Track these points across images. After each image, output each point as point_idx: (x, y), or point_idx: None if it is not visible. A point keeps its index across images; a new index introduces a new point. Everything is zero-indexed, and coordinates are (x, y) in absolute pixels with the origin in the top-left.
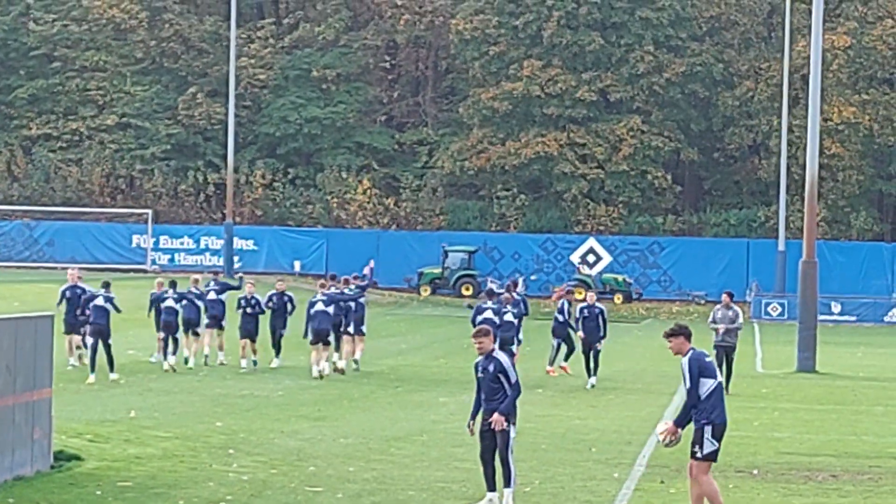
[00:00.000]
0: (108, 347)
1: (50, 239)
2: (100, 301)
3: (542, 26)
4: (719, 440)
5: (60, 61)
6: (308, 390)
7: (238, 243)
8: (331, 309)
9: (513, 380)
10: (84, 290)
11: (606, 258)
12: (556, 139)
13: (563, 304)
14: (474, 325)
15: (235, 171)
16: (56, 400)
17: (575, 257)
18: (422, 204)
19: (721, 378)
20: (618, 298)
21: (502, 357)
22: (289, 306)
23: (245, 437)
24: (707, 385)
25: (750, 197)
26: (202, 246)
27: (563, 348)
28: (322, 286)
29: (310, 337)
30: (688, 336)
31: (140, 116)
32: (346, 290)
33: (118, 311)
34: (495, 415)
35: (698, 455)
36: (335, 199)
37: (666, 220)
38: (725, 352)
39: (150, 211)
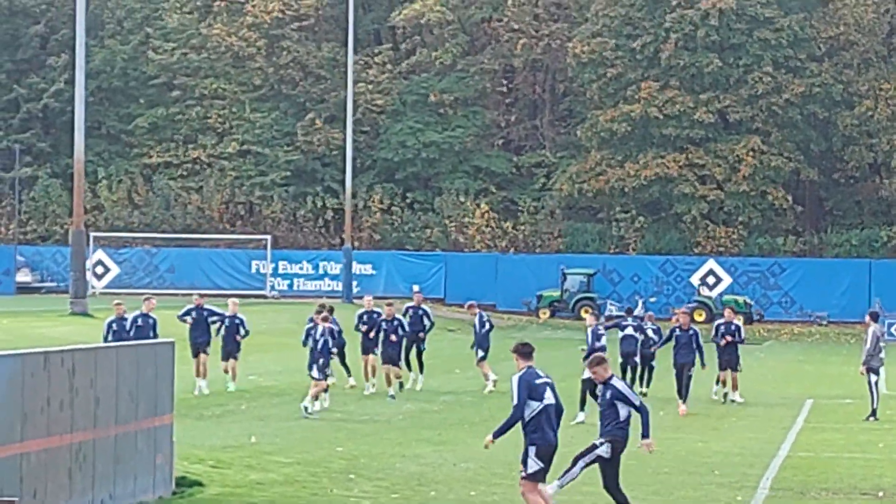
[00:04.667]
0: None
1: (171, 265)
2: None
3: (659, 48)
4: (545, 461)
5: (180, 90)
6: (429, 414)
7: (356, 268)
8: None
9: (636, 403)
10: (212, 312)
11: (726, 280)
12: (675, 160)
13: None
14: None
15: (354, 196)
16: (177, 426)
17: (695, 279)
18: (540, 227)
19: (553, 401)
20: (738, 320)
21: (619, 384)
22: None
23: (366, 461)
24: (532, 407)
25: (871, 217)
26: (321, 271)
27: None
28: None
29: (480, 354)
30: (523, 354)
31: (259, 143)
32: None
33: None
34: (648, 439)
35: (523, 474)
36: (453, 223)
37: (786, 241)
38: (875, 372)
39: (269, 237)
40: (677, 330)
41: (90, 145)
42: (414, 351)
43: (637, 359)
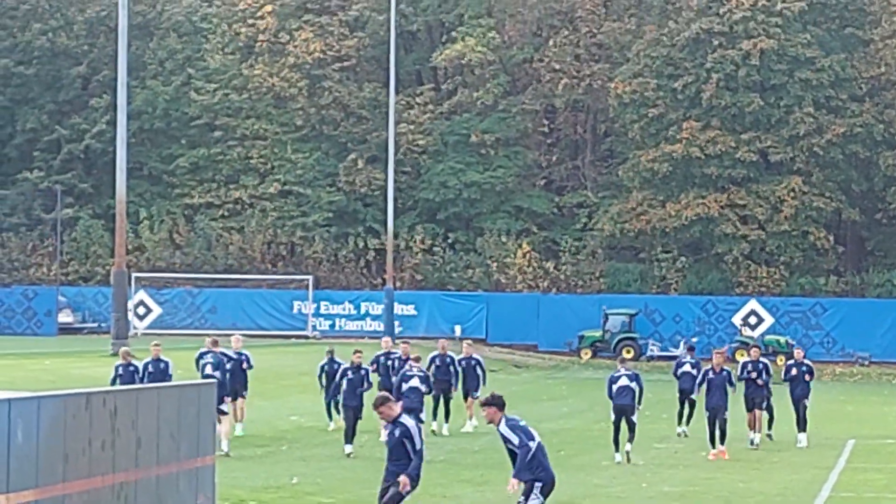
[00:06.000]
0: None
1: (212, 306)
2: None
3: (700, 88)
4: (546, 496)
5: (221, 130)
6: (470, 454)
7: (398, 308)
8: None
9: (417, 447)
10: (227, 357)
11: (768, 320)
12: (717, 200)
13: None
14: (675, 377)
15: (395, 236)
16: (219, 466)
17: (737, 319)
18: (581, 267)
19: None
20: (780, 360)
21: (409, 422)
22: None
23: (408, 502)
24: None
25: None
26: (363, 312)
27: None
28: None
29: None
30: (501, 406)
31: (301, 183)
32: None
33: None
34: (402, 477)
35: None
36: (495, 263)
37: (828, 281)
38: None
39: (310, 277)
40: (710, 373)
41: (132, 186)
42: (442, 400)
43: (695, 396)
